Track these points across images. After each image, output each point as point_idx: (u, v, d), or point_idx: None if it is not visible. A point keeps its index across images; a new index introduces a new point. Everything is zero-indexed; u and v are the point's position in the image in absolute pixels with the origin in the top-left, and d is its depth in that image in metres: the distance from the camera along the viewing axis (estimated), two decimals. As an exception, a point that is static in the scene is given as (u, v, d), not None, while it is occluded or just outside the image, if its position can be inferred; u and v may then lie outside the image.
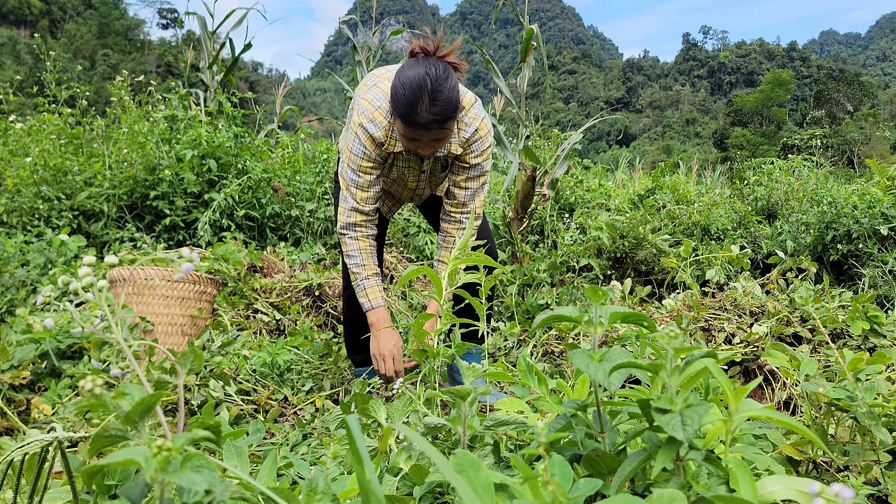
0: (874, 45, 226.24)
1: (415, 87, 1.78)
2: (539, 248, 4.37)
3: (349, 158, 2.03)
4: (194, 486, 0.52)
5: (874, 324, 2.17)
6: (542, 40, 3.92)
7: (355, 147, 2.00)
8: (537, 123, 6.01)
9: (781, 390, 2.08)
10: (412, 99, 1.78)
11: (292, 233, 4.66)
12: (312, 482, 0.72)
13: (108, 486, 0.85)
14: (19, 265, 3.26)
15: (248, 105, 6.90)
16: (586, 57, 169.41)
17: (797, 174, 5.95)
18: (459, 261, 1.49)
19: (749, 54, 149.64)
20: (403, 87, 1.79)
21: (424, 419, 1.07)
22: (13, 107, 5.65)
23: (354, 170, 2.03)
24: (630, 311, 0.86)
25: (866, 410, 1.20)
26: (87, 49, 63.17)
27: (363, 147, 1.99)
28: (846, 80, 54.43)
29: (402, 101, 1.80)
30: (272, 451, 1.03)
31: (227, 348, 2.46)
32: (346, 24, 6.10)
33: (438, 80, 1.79)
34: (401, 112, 1.82)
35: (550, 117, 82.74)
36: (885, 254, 3.74)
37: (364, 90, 2.06)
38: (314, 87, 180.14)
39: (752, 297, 2.65)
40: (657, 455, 0.74)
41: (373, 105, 1.98)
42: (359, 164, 2.01)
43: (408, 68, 1.82)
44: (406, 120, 1.83)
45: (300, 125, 6.62)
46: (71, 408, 1.88)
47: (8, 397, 2.11)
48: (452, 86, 1.84)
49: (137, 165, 4.34)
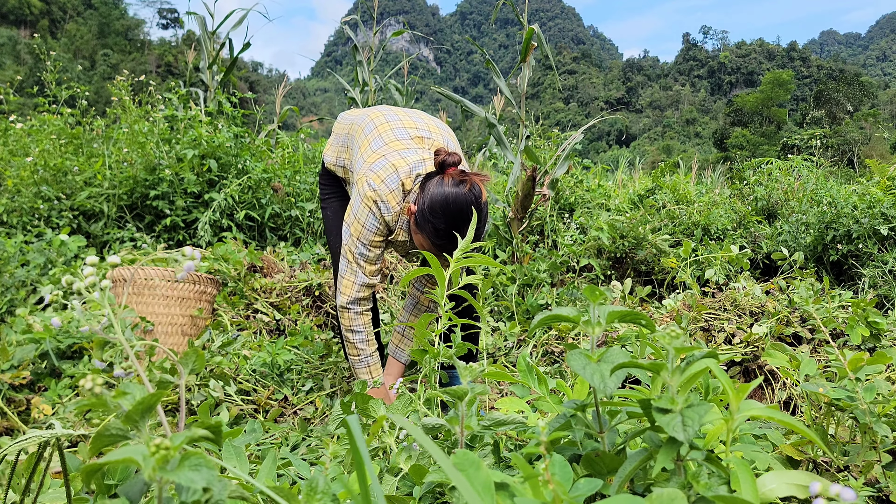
0: (874, 45, 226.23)
1: (456, 220, 1.75)
2: (539, 248, 4.37)
3: (360, 233, 1.93)
4: (192, 484, 0.52)
5: (874, 329, 2.17)
6: (545, 39, 3.92)
7: (369, 222, 1.91)
8: (537, 123, 6.01)
9: (781, 390, 2.08)
10: (452, 228, 1.75)
11: (292, 233, 4.66)
12: (312, 482, 0.72)
13: (108, 486, 0.85)
14: (19, 265, 3.26)
15: (248, 105, 6.90)
16: (586, 57, 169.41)
17: (797, 174, 5.95)
18: (461, 262, 1.49)
19: (749, 54, 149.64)
20: (443, 219, 1.75)
21: (423, 419, 1.08)
22: (13, 107, 5.65)
23: (366, 245, 1.94)
24: (628, 310, 0.86)
25: (866, 408, 1.20)
26: (87, 49, 63.17)
27: (377, 224, 1.91)
28: (846, 80, 54.43)
29: (439, 233, 1.77)
30: (272, 451, 1.03)
31: (227, 348, 2.46)
32: (347, 24, 6.10)
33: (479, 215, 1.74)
34: (435, 241, 1.79)
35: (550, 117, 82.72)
36: (885, 254, 3.74)
37: (369, 155, 1.97)
38: (314, 87, 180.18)
39: (752, 297, 2.65)
40: (658, 455, 0.74)
41: (386, 186, 1.88)
42: (371, 239, 1.93)
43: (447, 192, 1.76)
44: (440, 248, 1.80)
45: (300, 125, 6.62)
46: (71, 407, 1.88)
47: (8, 397, 2.11)
48: (486, 211, 1.82)
49: (137, 165, 4.34)
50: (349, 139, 2.15)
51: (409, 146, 1.98)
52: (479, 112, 4.01)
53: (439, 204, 1.75)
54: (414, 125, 2.09)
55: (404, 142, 2.00)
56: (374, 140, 2.01)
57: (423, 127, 2.10)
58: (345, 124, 2.24)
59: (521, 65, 3.96)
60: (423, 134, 2.06)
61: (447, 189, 1.76)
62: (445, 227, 1.76)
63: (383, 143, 1.99)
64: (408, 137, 2.02)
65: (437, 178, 1.81)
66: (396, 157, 1.92)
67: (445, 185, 1.77)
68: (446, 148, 1.94)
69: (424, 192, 1.81)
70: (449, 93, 3.95)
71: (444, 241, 1.77)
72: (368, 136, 2.04)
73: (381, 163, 1.91)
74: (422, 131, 2.07)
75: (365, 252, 1.95)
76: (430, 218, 1.76)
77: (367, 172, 1.91)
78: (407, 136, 2.03)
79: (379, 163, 1.91)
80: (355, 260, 1.96)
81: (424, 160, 1.93)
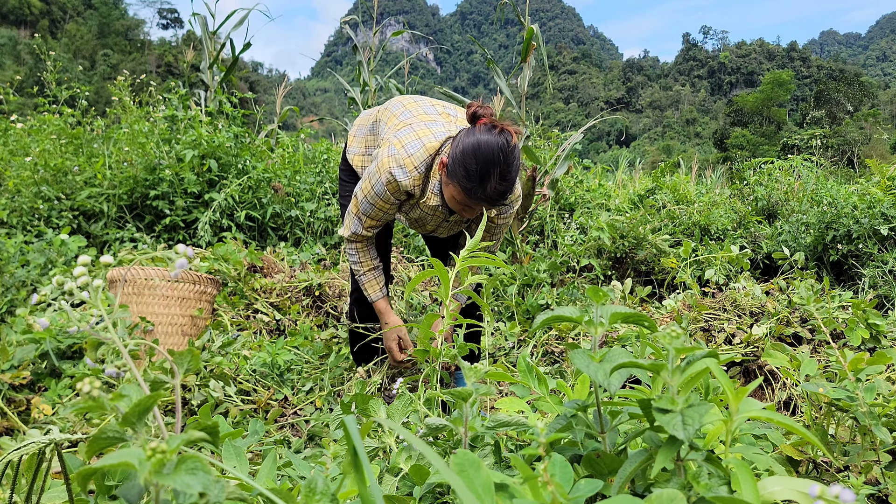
0: (874, 46, 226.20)
1: (487, 162, 1.74)
2: (539, 248, 4.37)
3: (368, 192, 1.98)
4: (188, 488, 0.51)
5: (874, 331, 2.17)
6: (543, 40, 3.92)
7: (377, 187, 1.95)
8: (537, 123, 6.01)
9: (782, 390, 2.08)
10: (483, 174, 1.75)
11: (292, 233, 4.66)
12: (311, 482, 0.72)
13: (108, 487, 0.85)
14: (19, 265, 3.26)
15: (249, 105, 6.90)
16: (586, 57, 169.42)
17: (797, 174, 5.95)
18: (468, 261, 1.48)
19: (749, 54, 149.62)
20: (474, 161, 1.75)
21: (426, 420, 1.07)
22: (13, 107, 5.66)
23: (371, 203, 2.00)
24: (631, 311, 0.86)
25: (866, 410, 1.20)
26: (87, 49, 63.19)
27: (384, 190, 1.94)
28: (846, 80, 54.43)
29: (471, 175, 1.76)
30: (272, 451, 1.03)
31: (227, 348, 2.46)
32: (347, 24, 6.10)
33: (508, 157, 1.76)
34: (466, 185, 1.78)
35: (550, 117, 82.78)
36: (885, 254, 3.74)
37: (396, 125, 2.01)
38: (314, 87, 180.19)
39: (752, 298, 2.65)
40: (657, 455, 0.74)
41: (406, 151, 1.91)
42: (376, 201, 1.99)
43: (479, 137, 1.77)
44: (470, 192, 1.79)
45: (301, 125, 6.62)
46: (70, 409, 1.88)
47: (8, 397, 2.10)
48: (517, 158, 1.81)
49: (137, 165, 4.33)
50: (377, 125, 2.20)
51: (436, 119, 2.04)
52: (480, 112, 4.00)
53: (471, 147, 1.76)
54: (441, 104, 2.18)
55: (431, 115, 2.06)
56: (401, 114, 2.07)
57: (450, 107, 2.18)
58: (370, 114, 2.30)
59: (521, 65, 3.96)
60: (449, 112, 2.13)
61: (479, 135, 1.77)
62: (476, 167, 1.75)
63: (410, 114, 2.04)
64: (435, 112, 2.09)
65: (468, 128, 1.84)
66: (422, 127, 1.96)
67: (477, 131, 1.79)
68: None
69: (456, 141, 1.83)
70: (451, 93, 3.95)
71: (474, 183, 1.77)
72: (396, 112, 2.09)
73: (405, 130, 1.96)
74: (448, 109, 2.15)
75: (368, 209, 2.02)
76: (462, 161, 1.77)
77: (390, 137, 1.97)
78: (434, 111, 2.09)
79: (404, 130, 1.96)
80: (358, 213, 2.05)
81: (450, 132, 1.96)
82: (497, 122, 1.80)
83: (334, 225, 4.77)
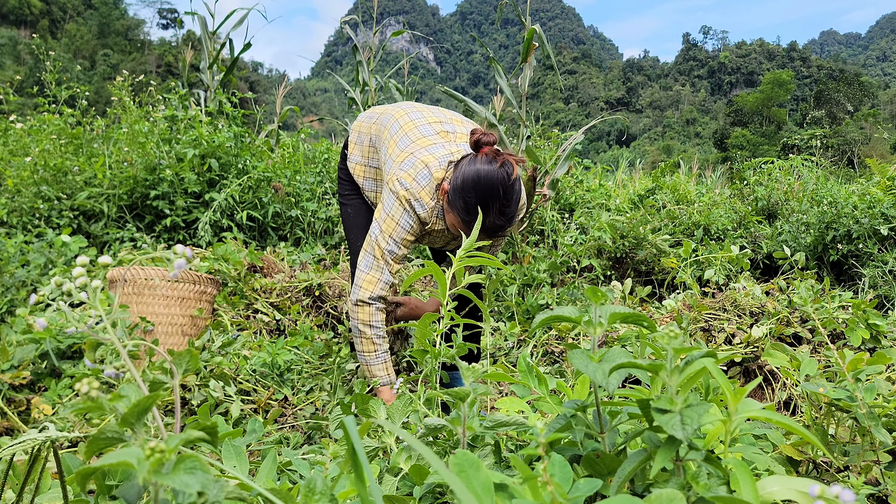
0: (874, 46, 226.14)
1: (486, 196, 1.73)
2: (539, 248, 4.37)
3: (393, 230, 1.91)
4: (187, 488, 0.51)
5: (874, 331, 2.16)
6: (546, 39, 3.91)
7: (403, 220, 1.90)
8: (538, 123, 6.01)
9: (782, 390, 2.08)
10: (482, 206, 1.73)
11: (293, 233, 4.66)
12: (311, 482, 0.72)
13: (109, 487, 0.85)
14: (20, 265, 3.26)
15: (249, 105, 6.90)
16: (586, 57, 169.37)
17: (797, 174, 5.95)
18: (465, 261, 1.48)
19: (749, 54, 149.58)
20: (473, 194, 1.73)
21: (425, 420, 1.07)
22: (13, 107, 5.66)
23: (397, 242, 1.92)
24: (630, 311, 0.86)
25: (866, 411, 1.20)
26: (87, 49, 63.19)
27: (411, 222, 1.90)
28: (846, 80, 54.41)
29: (469, 208, 1.75)
30: (272, 451, 1.03)
31: (227, 348, 2.46)
32: (347, 24, 6.10)
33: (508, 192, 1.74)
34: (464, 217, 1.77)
35: (550, 117, 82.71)
36: (885, 254, 3.74)
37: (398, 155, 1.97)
38: (314, 87, 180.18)
39: (752, 298, 2.65)
40: (656, 455, 0.74)
41: (418, 184, 1.88)
42: (403, 237, 1.92)
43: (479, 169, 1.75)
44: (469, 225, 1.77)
45: (301, 125, 6.62)
46: (69, 409, 1.88)
47: (8, 397, 2.10)
48: (518, 192, 1.79)
49: (137, 165, 4.33)
50: (377, 140, 2.16)
51: (435, 141, 2.01)
52: (480, 112, 4.01)
53: (471, 179, 1.75)
54: (437, 120, 2.12)
55: (430, 138, 2.02)
56: (400, 139, 2.03)
57: (446, 121, 2.12)
58: (368, 124, 2.25)
59: (522, 65, 3.96)
60: (447, 128, 2.09)
61: (479, 165, 1.76)
62: (475, 201, 1.74)
63: (410, 141, 2.01)
64: (433, 133, 2.05)
65: (470, 156, 1.83)
66: (425, 154, 1.93)
67: (478, 161, 1.78)
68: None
69: (458, 170, 1.82)
70: (452, 92, 3.95)
71: (472, 216, 1.76)
72: (394, 135, 2.06)
73: (409, 161, 1.93)
74: (446, 125, 2.10)
75: (395, 250, 1.93)
76: (462, 193, 1.76)
77: (397, 171, 1.93)
78: (432, 131, 2.06)
79: (408, 161, 1.93)
80: (383, 257, 1.93)
81: (452, 153, 1.94)
82: (500, 153, 1.78)
83: (335, 225, 4.76)
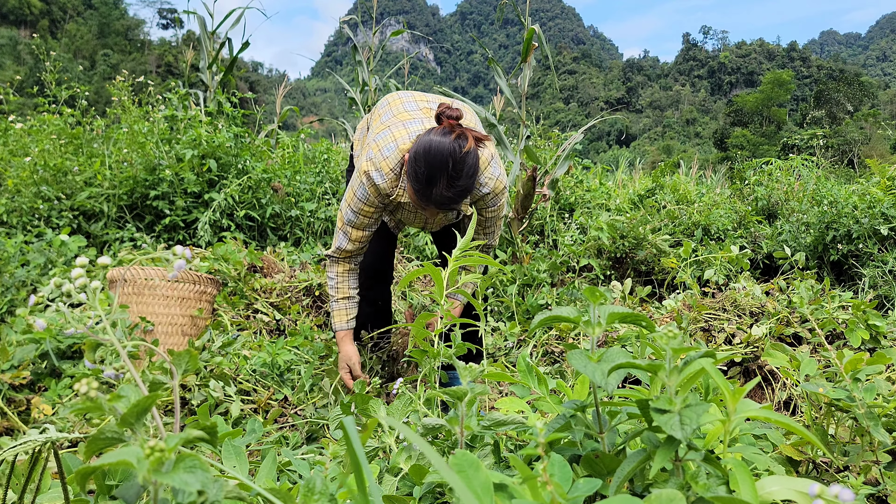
0: (874, 46, 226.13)
1: (433, 166, 1.72)
2: (539, 248, 4.36)
3: (351, 199, 1.99)
4: (187, 486, 0.51)
5: (874, 332, 2.16)
6: (545, 39, 3.91)
7: (359, 191, 1.96)
8: (537, 123, 6.01)
9: (781, 390, 2.08)
10: (429, 178, 1.73)
11: (292, 233, 4.66)
12: (310, 482, 0.72)
13: (109, 486, 0.85)
14: (19, 265, 3.26)
15: (248, 105, 6.90)
16: (586, 57, 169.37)
17: (797, 174, 5.95)
18: (460, 261, 1.49)
19: (749, 54, 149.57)
20: (423, 163, 1.73)
21: (423, 420, 1.07)
22: (13, 107, 5.65)
23: (355, 211, 2.00)
24: (629, 311, 0.86)
25: (865, 411, 1.20)
26: (87, 49, 63.20)
27: (366, 193, 1.96)
28: (846, 80, 54.40)
29: (419, 177, 1.75)
30: (271, 451, 1.03)
31: (227, 348, 2.46)
32: (347, 23, 6.10)
33: (458, 164, 1.73)
34: (415, 186, 1.78)
35: (550, 117, 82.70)
36: (885, 254, 3.74)
37: (377, 128, 2.01)
38: (314, 87, 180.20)
39: (752, 298, 2.65)
40: (656, 455, 0.74)
41: (382, 154, 1.92)
42: (360, 207, 1.99)
43: (432, 139, 1.75)
44: (419, 195, 1.79)
45: (301, 125, 6.62)
46: (69, 409, 1.88)
47: (8, 397, 2.10)
48: (471, 167, 1.77)
49: (137, 165, 4.33)
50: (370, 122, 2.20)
51: (415, 116, 2.02)
52: (480, 112, 4.01)
53: (423, 149, 1.75)
54: (425, 99, 2.13)
55: (412, 112, 2.04)
56: (384, 114, 2.06)
57: (433, 100, 2.13)
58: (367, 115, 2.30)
59: (521, 65, 3.96)
60: (432, 106, 2.09)
61: (433, 136, 1.76)
62: (424, 171, 1.74)
63: (392, 114, 2.04)
64: (416, 108, 2.06)
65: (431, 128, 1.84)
66: (399, 128, 1.95)
67: (433, 133, 1.78)
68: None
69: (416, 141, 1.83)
70: (451, 92, 3.95)
71: (421, 186, 1.76)
72: (380, 113, 2.09)
73: (383, 133, 1.96)
74: (431, 104, 2.11)
75: (353, 218, 2.02)
76: (413, 163, 1.77)
77: (370, 142, 1.98)
78: (416, 107, 2.07)
79: (381, 133, 1.96)
80: (343, 225, 2.05)
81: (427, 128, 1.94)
82: (458, 127, 1.78)
83: (335, 225, 4.77)
